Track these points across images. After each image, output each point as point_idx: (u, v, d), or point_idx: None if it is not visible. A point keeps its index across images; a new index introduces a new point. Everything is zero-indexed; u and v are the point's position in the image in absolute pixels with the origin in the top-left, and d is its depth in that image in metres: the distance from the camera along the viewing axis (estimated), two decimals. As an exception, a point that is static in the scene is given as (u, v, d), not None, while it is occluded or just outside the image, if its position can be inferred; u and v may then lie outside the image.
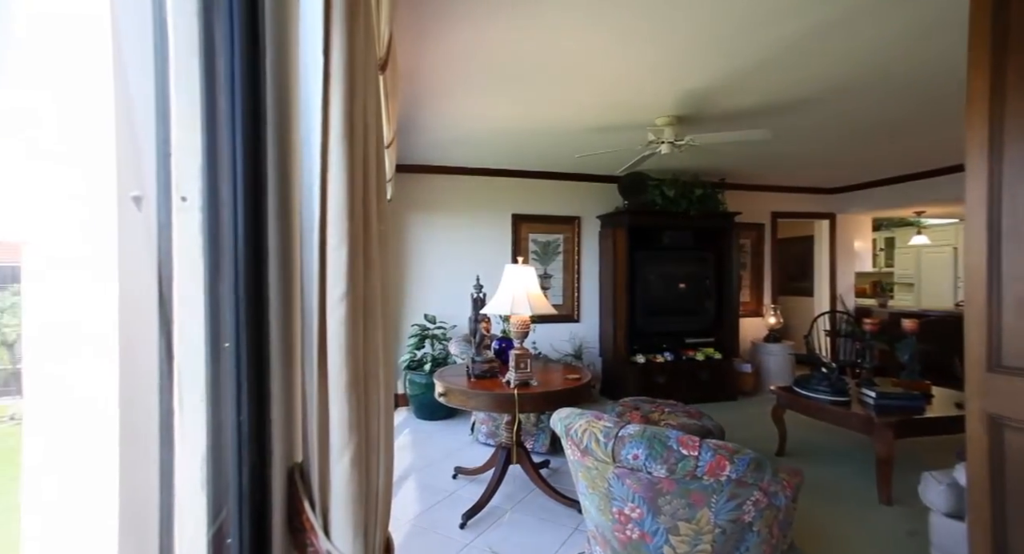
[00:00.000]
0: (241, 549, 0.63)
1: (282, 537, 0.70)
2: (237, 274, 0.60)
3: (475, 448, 3.45)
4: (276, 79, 0.63)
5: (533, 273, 2.58)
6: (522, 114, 3.17)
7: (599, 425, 1.56)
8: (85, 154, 0.57)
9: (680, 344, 4.79)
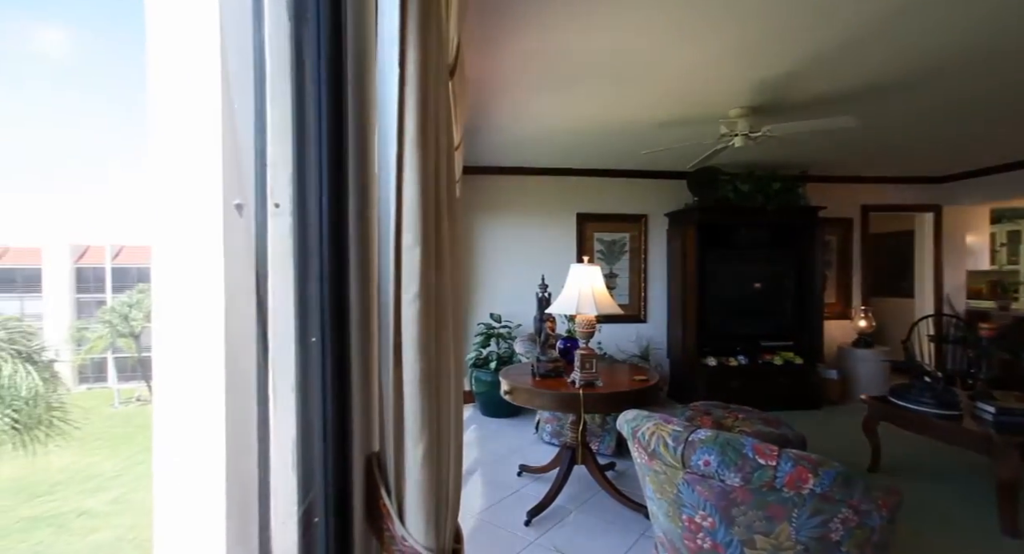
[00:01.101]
0: (327, 528, 0.69)
1: (362, 520, 0.75)
2: (322, 274, 0.65)
3: (540, 447, 3.46)
4: (356, 93, 0.68)
5: (599, 272, 2.55)
6: (587, 113, 3.13)
7: (668, 428, 1.51)
8: (198, 167, 0.65)
9: (755, 347, 4.51)
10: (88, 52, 7.92)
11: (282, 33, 0.61)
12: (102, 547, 7.65)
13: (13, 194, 6.78)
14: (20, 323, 7.28)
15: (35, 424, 5.56)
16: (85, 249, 16.33)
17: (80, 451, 10.89)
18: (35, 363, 5.89)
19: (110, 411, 13.57)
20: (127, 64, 4.94)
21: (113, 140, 5.70)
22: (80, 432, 7.35)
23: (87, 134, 9.63)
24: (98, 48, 7.08)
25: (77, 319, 15.06)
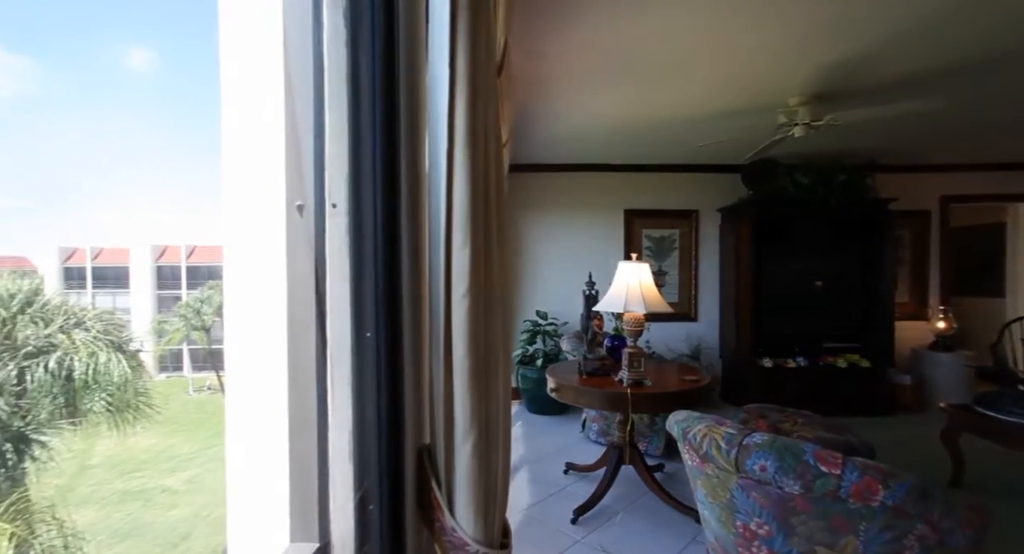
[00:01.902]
0: (381, 515, 0.71)
1: (413, 510, 0.77)
2: (376, 272, 0.68)
3: (586, 445, 3.43)
4: (408, 95, 0.70)
5: (647, 270, 2.49)
6: (636, 107, 3.06)
7: (720, 431, 1.45)
8: (265, 171, 0.69)
9: (816, 348, 4.25)
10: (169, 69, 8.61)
11: (339, 39, 0.64)
12: (181, 522, 8.42)
13: (106, 198, 7.49)
14: (112, 316, 8.08)
15: (125, 407, 6.14)
16: (164, 249, 18.26)
17: (161, 434, 12.02)
18: (124, 352, 6.50)
19: (185, 398, 15.01)
20: (204, 79, 5.29)
21: (188, 148, 6.14)
22: (161, 416, 8.08)
23: (165, 143, 10.42)
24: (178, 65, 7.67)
25: (158, 313, 16.78)
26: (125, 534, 12.54)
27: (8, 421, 5.21)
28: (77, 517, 4.94)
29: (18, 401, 5.39)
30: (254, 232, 0.78)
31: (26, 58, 73.18)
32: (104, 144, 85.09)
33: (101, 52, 78.59)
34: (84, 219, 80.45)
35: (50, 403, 5.61)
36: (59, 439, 5.75)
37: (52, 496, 5.95)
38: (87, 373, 5.75)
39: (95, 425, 6.07)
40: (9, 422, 5.22)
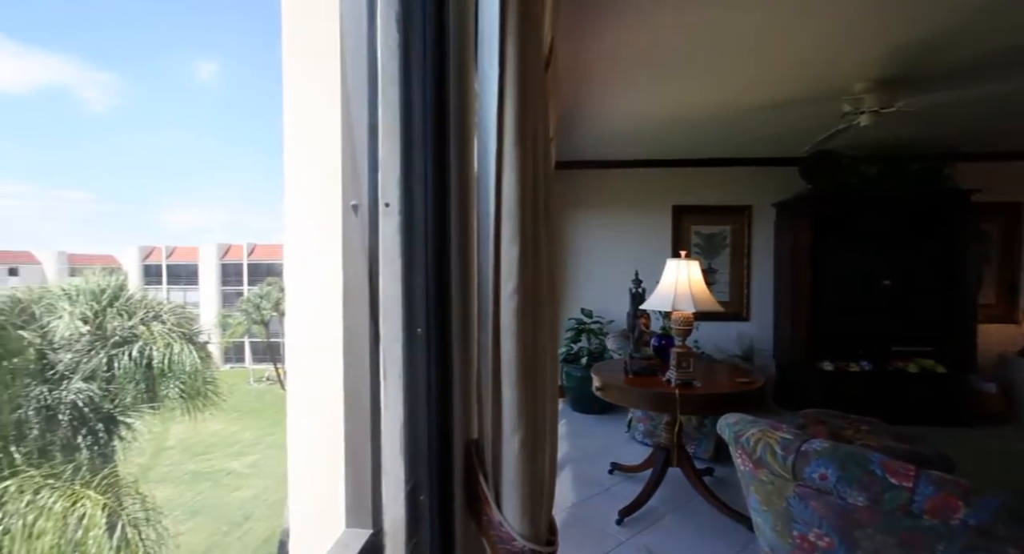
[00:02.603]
0: (431, 507, 0.73)
1: (462, 503, 0.79)
2: (427, 269, 0.69)
3: (631, 445, 3.37)
4: (457, 95, 0.71)
5: (697, 267, 2.41)
6: (686, 100, 2.96)
7: (776, 436, 1.39)
8: (323, 173, 0.72)
9: (883, 352, 3.96)
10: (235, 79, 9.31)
11: (391, 44, 0.65)
12: (244, 503, 9.06)
13: (178, 200, 8.16)
14: (184, 310, 8.78)
15: (196, 394, 6.66)
16: (228, 248, 19.54)
17: (226, 420, 12.93)
18: (195, 344, 7.04)
19: (247, 388, 16.02)
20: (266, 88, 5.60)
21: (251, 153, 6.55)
22: (226, 404, 8.66)
23: (230, 147, 11.20)
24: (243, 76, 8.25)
25: (222, 307, 18.01)
26: (196, 511, 13.56)
27: (100, 403, 5.79)
28: (156, 493, 5.39)
29: (108, 386, 5.97)
30: (313, 231, 0.82)
31: (111, 74, 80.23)
32: (176, 150, 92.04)
33: (174, 66, 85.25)
34: (160, 220, 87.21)
35: (133, 388, 6.17)
36: (141, 422, 6.32)
37: (136, 473, 6.55)
38: (164, 362, 6.27)
39: (170, 410, 6.60)
40: (101, 404, 5.80)
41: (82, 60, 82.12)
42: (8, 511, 3.97)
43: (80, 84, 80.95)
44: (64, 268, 36.32)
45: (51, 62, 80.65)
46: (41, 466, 4.69)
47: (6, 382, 4.79)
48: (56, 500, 4.16)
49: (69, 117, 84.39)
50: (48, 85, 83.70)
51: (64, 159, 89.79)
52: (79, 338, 6.11)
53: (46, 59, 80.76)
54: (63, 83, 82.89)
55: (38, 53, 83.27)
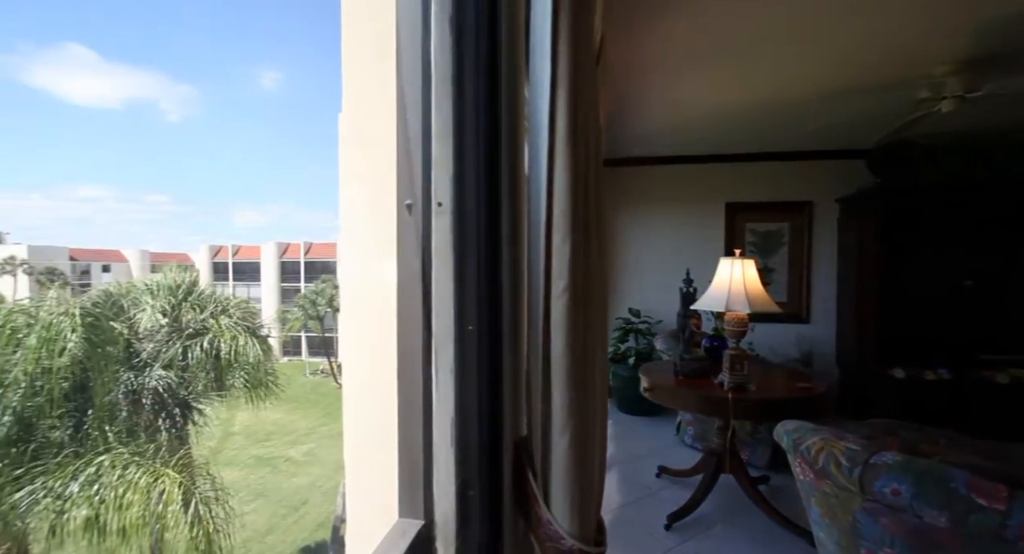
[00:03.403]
0: (480, 502, 0.74)
1: (510, 499, 0.79)
2: (479, 267, 0.70)
3: (680, 449, 3.27)
4: (509, 96, 0.71)
5: (753, 266, 2.30)
6: (740, 92, 2.83)
7: (840, 446, 1.30)
8: (377, 174, 0.75)
9: (966, 360, 3.62)
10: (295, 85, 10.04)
11: (444, 45, 0.67)
12: (300, 489, 9.64)
13: (243, 201, 8.83)
14: (248, 305, 9.40)
15: (258, 384, 7.12)
16: (287, 246, 20.81)
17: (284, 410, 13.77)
18: (257, 337, 7.52)
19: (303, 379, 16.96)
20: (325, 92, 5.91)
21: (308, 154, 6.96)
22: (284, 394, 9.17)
23: (290, 150, 11.91)
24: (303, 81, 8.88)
25: (281, 303, 19.21)
26: (258, 494, 14.49)
27: (176, 390, 6.33)
28: (224, 475, 5.81)
29: (183, 374, 6.50)
30: (367, 230, 0.85)
31: (188, 87, 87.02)
32: (240, 154, 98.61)
33: (241, 75, 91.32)
34: (227, 220, 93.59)
35: (204, 377, 6.70)
36: (210, 408, 6.84)
37: (206, 455, 7.09)
38: (230, 353, 6.74)
39: (236, 398, 7.10)
40: (177, 391, 6.34)
41: (164, 75, 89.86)
42: (103, 483, 4.43)
43: (161, 97, 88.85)
44: (146, 265, 39.65)
45: (137, 78, 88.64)
46: (128, 445, 5.18)
47: (100, 368, 5.32)
48: (141, 476, 4.57)
49: (150, 127, 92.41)
50: (134, 99, 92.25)
51: (146, 165, 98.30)
52: (159, 329, 6.70)
53: (133, 75, 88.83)
54: (147, 97, 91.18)
55: (128, 70, 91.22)
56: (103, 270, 36.67)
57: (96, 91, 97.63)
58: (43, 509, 4.38)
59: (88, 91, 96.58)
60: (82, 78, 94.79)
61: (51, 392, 4.77)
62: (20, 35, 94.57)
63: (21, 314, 5.16)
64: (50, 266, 33.45)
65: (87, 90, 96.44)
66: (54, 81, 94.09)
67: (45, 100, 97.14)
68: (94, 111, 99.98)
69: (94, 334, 5.28)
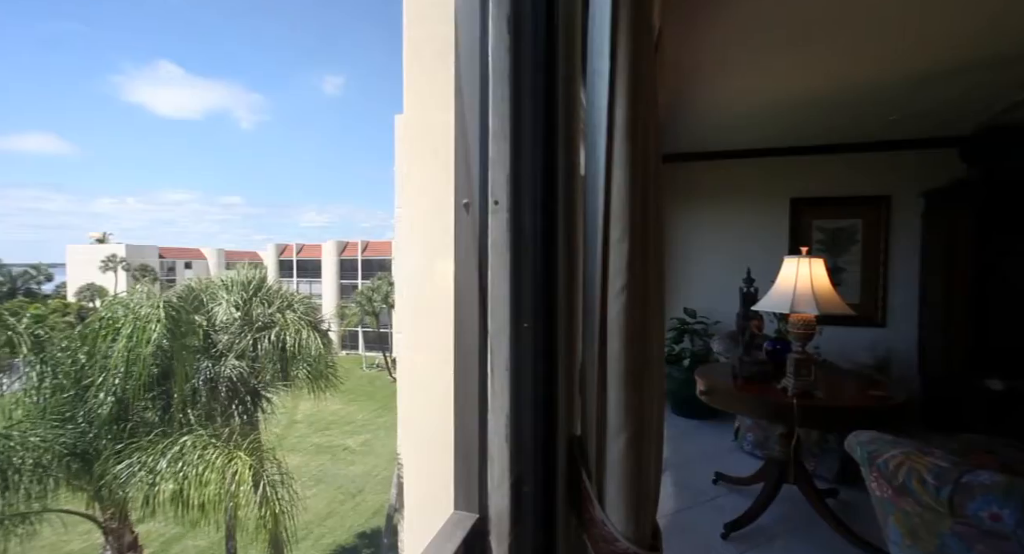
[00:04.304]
0: (534, 499, 0.75)
1: (564, 498, 0.79)
2: (535, 265, 0.71)
3: (739, 456, 3.13)
4: (566, 93, 0.71)
5: (821, 266, 2.16)
6: (810, 81, 2.65)
7: (925, 461, 1.19)
8: (435, 173, 0.77)
9: (1079, 371, 3.20)
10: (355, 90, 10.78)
11: (502, 44, 0.67)
12: (357, 477, 10.12)
13: (307, 201, 9.52)
14: (310, 300, 9.97)
15: (319, 376, 7.54)
16: (346, 245, 21.99)
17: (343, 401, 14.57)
18: (318, 331, 7.95)
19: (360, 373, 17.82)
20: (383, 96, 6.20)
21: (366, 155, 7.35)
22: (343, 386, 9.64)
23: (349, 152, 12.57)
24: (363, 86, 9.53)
25: (340, 299, 20.37)
26: (318, 480, 15.32)
27: (247, 379, 6.84)
28: (288, 460, 6.18)
29: (253, 364, 7.00)
30: (424, 228, 0.88)
31: (258, 95, 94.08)
32: (304, 157, 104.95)
33: (304, 83, 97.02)
34: (292, 220, 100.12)
35: (271, 368, 7.19)
36: (277, 397, 7.33)
37: (273, 441, 7.61)
38: (295, 346, 7.18)
39: (299, 389, 7.56)
40: (248, 380, 6.85)
41: (238, 85, 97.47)
42: (186, 461, 4.88)
43: (235, 105, 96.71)
44: (222, 262, 43.04)
45: (215, 89, 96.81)
46: (207, 427, 5.66)
47: (182, 357, 5.84)
48: (217, 456, 4.98)
49: (226, 134, 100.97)
50: (212, 108, 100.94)
51: (222, 170, 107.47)
52: (233, 322, 7.24)
53: (212, 87, 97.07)
54: (223, 106, 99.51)
55: (207, 83, 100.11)
56: (186, 267, 40.31)
57: (180, 103, 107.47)
58: (138, 481, 4.89)
59: (174, 104, 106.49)
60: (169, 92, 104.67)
61: (142, 377, 5.28)
62: (124, 55, 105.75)
63: (120, 306, 5.75)
64: (143, 263, 37.30)
65: (173, 103, 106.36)
66: (148, 96, 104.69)
67: (140, 113, 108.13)
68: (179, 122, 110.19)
69: (177, 326, 5.79)
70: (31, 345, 5.35)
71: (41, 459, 4.83)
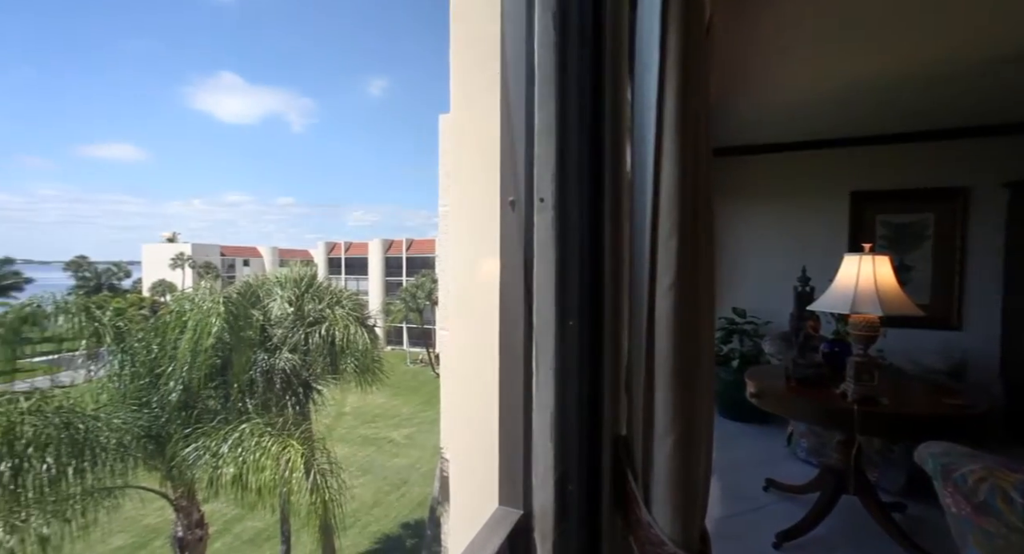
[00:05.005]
0: (579, 497, 0.74)
1: (609, 497, 0.78)
2: (580, 263, 0.70)
3: (791, 462, 2.98)
4: (613, 88, 0.69)
5: (887, 264, 2.02)
6: (877, 66, 2.47)
7: (1012, 478, 1.09)
8: (480, 172, 0.78)
9: None
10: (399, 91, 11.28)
11: (548, 41, 0.67)
12: (401, 470, 10.45)
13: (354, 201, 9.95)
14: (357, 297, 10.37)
15: (366, 370, 7.82)
16: (390, 243, 22.73)
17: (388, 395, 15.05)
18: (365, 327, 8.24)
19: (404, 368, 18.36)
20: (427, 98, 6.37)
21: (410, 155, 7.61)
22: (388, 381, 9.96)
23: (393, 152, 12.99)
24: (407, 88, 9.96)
25: (385, 296, 21.10)
26: (365, 470, 15.89)
27: (300, 371, 7.20)
28: (336, 450, 6.44)
29: (304, 358, 7.36)
30: (469, 226, 0.89)
31: (309, 99, 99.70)
32: (350, 157, 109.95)
33: (351, 86, 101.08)
34: (340, 220, 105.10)
35: (321, 361, 7.54)
36: (327, 389, 7.67)
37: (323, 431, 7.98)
38: (343, 340, 7.49)
39: (347, 382, 7.88)
40: (300, 372, 7.21)
41: (290, 91, 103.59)
42: (245, 447, 5.22)
43: (288, 110, 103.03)
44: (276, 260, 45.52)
45: (270, 96, 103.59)
46: (263, 416, 6.01)
47: (240, 350, 6.22)
48: (272, 444, 5.27)
49: (280, 138, 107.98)
50: (267, 114, 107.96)
51: (276, 172, 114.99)
52: (286, 317, 7.64)
53: (267, 93, 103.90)
54: (277, 111, 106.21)
55: (263, 90, 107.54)
56: (244, 264, 42.90)
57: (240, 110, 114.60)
58: (203, 463, 5.29)
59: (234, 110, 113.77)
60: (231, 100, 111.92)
61: (205, 367, 5.67)
62: (192, 67, 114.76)
63: (186, 301, 6.19)
64: (207, 261, 40.12)
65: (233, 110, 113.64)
66: (212, 104, 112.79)
67: (206, 121, 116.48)
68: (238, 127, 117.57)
69: (236, 320, 6.17)
70: (114, 336, 5.86)
71: (123, 439, 5.31)
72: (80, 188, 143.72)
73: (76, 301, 6.13)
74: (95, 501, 5.01)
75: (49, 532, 4.45)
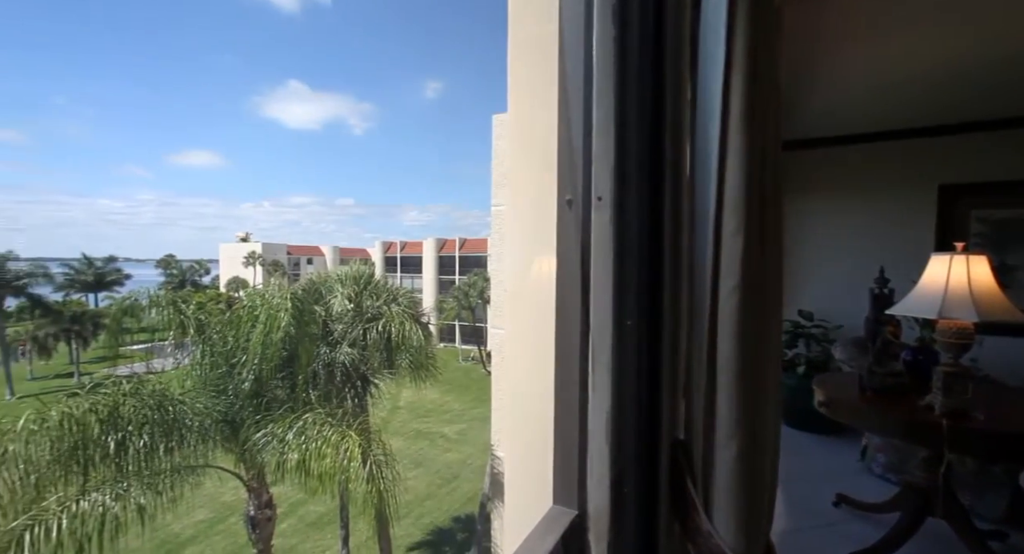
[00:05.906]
0: (635, 499, 0.73)
1: (667, 502, 0.76)
2: (639, 262, 0.69)
3: (865, 478, 2.77)
4: (674, 82, 0.67)
5: (984, 264, 1.82)
6: (972, 45, 2.23)
7: None
8: (536, 171, 0.78)
9: None
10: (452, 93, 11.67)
11: (607, 37, 0.66)
12: (452, 464, 10.69)
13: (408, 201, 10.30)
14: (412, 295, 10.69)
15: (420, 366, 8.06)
16: (444, 242, 23.36)
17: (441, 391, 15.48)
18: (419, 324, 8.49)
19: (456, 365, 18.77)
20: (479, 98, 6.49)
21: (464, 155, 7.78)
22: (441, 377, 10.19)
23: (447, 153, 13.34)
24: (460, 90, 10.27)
25: (439, 294, 21.72)
26: (417, 463, 16.38)
27: (358, 365, 7.54)
28: (391, 443, 6.69)
29: (363, 352, 7.70)
30: (523, 225, 0.89)
31: (368, 104, 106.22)
32: (408, 159, 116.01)
33: (407, 89, 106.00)
34: (396, 220, 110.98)
35: (378, 356, 7.87)
36: (383, 384, 7.99)
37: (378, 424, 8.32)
38: (399, 337, 7.78)
39: (402, 377, 8.17)
40: (358, 366, 7.55)
41: (351, 96, 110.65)
42: (307, 435, 5.55)
43: (349, 115, 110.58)
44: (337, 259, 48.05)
45: (333, 101, 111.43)
46: (324, 407, 6.36)
47: (304, 344, 6.61)
48: (332, 434, 5.56)
49: (341, 142, 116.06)
50: (330, 119, 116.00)
51: (338, 174, 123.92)
52: (346, 313, 8.03)
53: (330, 99, 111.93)
54: (339, 115, 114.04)
55: (326, 96, 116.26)
56: (308, 262, 45.60)
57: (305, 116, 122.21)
58: (271, 449, 5.69)
59: (300, 117, 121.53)
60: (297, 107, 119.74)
61: (273, 359, 6.09)
62: (262, 76, 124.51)
63: (257, 297, 6.66)
64: (275, 259, 43.07)
65: (299, 116, 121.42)
66: (280, 112, 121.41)
67: (274, 127, 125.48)
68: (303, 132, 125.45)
69: (301, 315, 6.56)
70: (196, 328, 6.42)
71: (204, 423, 5.83)
72: (171, 192, 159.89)
73: (165, 295, 6.78)
74: (181, 477, 5.51)
75: (145, 502, 4.96)
